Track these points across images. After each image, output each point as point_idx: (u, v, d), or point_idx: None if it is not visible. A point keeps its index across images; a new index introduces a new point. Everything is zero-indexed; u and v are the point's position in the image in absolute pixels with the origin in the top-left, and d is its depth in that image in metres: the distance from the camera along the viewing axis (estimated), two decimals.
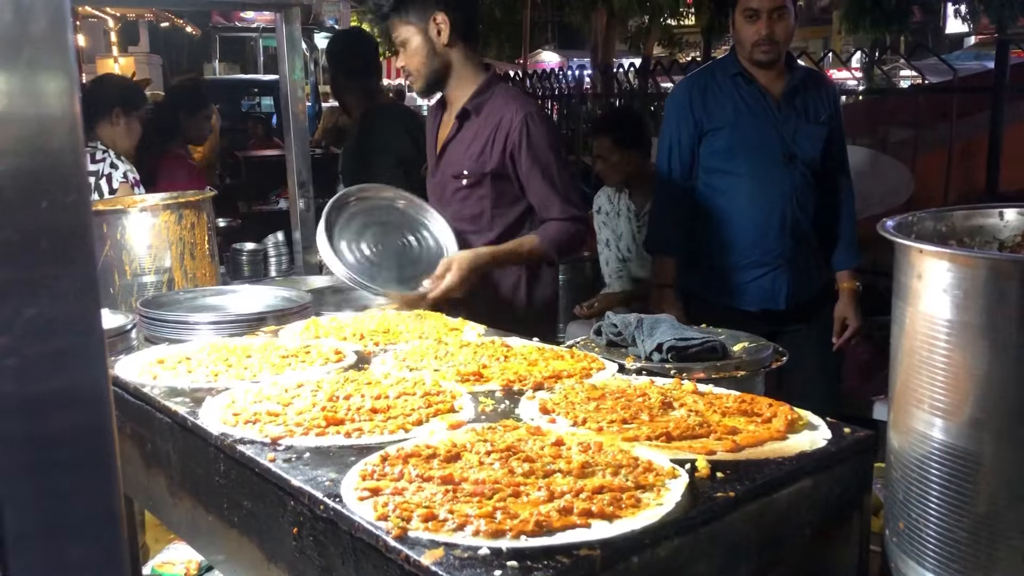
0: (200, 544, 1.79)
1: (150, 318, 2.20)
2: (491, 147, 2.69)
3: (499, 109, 2.70)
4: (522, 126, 2.65)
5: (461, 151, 2.77)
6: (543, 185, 2.67)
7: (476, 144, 2.73)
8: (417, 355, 1.90)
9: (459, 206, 2.78)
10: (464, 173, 2.74)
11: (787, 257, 3.06)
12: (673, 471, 1.25)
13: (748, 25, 2.97)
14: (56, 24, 0.53)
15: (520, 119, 2.65)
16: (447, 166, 2.81)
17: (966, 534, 1.13)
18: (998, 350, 1.07)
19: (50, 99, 0.54)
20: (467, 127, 2.77)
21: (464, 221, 2.77)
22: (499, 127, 2.68)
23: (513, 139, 2.65)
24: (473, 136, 2.74)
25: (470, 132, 2.76)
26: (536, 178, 2.67)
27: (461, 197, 2.77)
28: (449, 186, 2.80)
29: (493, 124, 2.69)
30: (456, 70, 2.75)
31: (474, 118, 2.75)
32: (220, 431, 1.50)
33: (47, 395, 0.57)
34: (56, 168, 0.55)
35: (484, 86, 2.75)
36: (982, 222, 1.34)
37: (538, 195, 2.69)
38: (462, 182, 2.75)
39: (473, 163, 2.72)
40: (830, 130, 3.13)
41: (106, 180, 3.65)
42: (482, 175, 2.72)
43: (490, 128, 2.70)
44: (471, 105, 2.74)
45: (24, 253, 0.54)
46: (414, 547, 1.07)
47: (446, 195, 2.82)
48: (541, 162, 2.66)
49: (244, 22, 20.25)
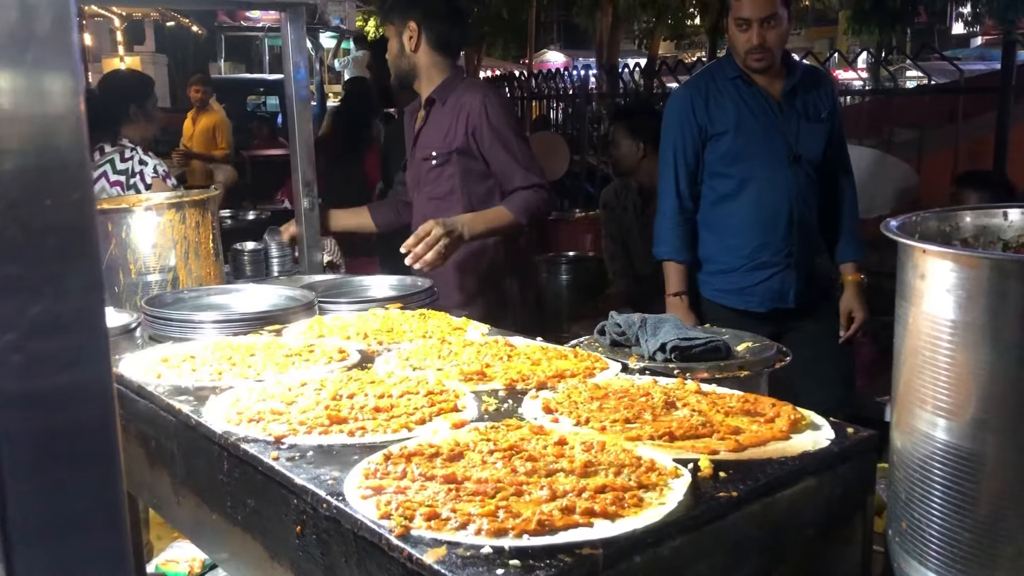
0: (204, 542, 1.80)
1: (154, 317, 2.20)
2: (455, 127, 2.99)
3: (460, 95, 3.02)
4: (481, 106, 2.95)
5: (431, 135, 3.09)
6: (504, 157, 2.96)
7: (442, 127, 3.03)
8: (420, 354, 1.90)
9: (431, 186, 3.08)
10: (432, 154, 3.04)
11: (795, 256, 3.07)
12: (676, 471, 1.25)
13: (740, 33, 2.98)
14: (61, 23, 0.54)
15: (479, 100, 2.96)
16: (419, 150, 3.12)
17: (969, 534, 1.13)
18: (1001, 350, 1.07)
19: (55, 98, 0.54)
20: (434, 114, 3.09)
21: (438, 200, 3.06)
22: (460, 110, 2.99)
23: (473, 119, 2.96)
24: (438, 121, 3.06)
25: (435, 118, 3.08)
26: (497, 151, 2.96)
27: (433, 177, 3.07)
28: (422, 168, 3.10)
29: (455, 108, 3.01)
30: (422, 73, 3.10)
31: (439, 106, 3.07)
32: (224, 429, 1.50)
33: (51, 392, 0.57)
34: (61, 166, 0.55)
35: (448, 80, 3.08)
36: (986, 222, 1.34)
37: (500, 167, 2.98)
38: (432, 162, 3.05)
39: (440, 143, 3.03)
40: (831, 126, 3.13)
41: (139, 177, 3.70)
42: (448, 153, 3.01)
43: (453, 112, 3.01)
44: (436, 94, 3.08)
45: (29, 250, 0.54)
46: (417, 545, 1.08)
47: (420, 176, 3.12)
48: (501, 137, 2.96)
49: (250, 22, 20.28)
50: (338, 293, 2.62)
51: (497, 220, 2.90)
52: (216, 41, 20.04)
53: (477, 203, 3.00)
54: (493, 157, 2.96)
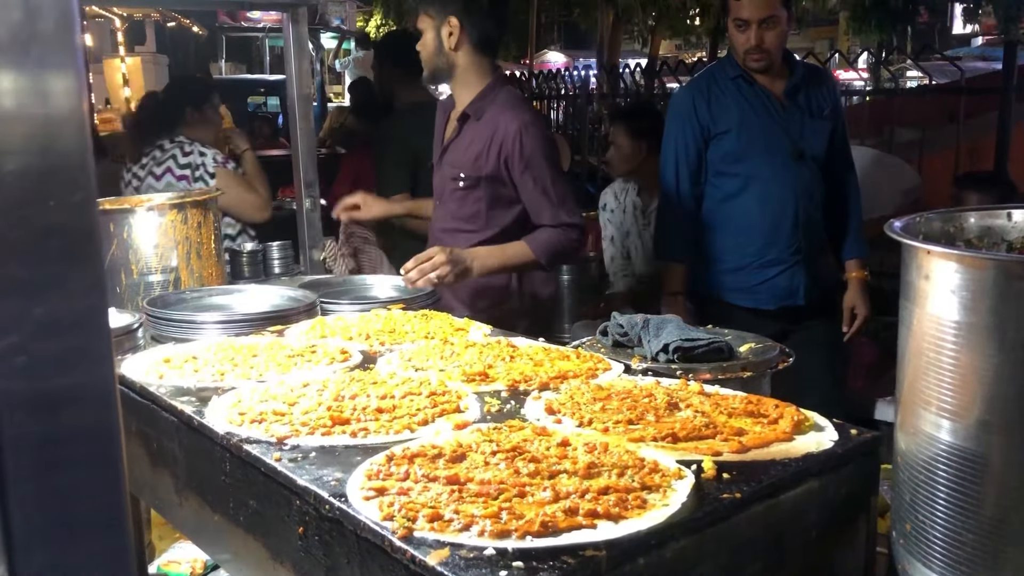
0: (206, 543, 1.80)
1: (156, 317, 2.20)
2: (487, 152, 2.76)
3: (496, 116, 2.77)
4: (516, 135, 2.71)
5: (460, 153, 2.85)
6: (535, 192, 2.74)
7: (473, 148, 2.80)
8: (423, 355, 1.90)
9: (456, 205, 2.87)
10: (461, 175, 2.83)
11: (802, 253, 3.08)
12: (679, 472, 1.24)
13: (739, 34, 2.98)
14: (64, 23, 0.54)
15: (515, 128, 2.71)
16: (447, 165, 2.90)
17: (973, 536, 1.13)
18: (1006, 351, 1.07)
19: (58, 98, 0.54)
20: (467, 130, 2.85)
21: (461, 220, 2.86)
22: (495, 133, 2.75)
23: (507, 147, 2.72)
24: (471, 140, 2.82)
25: (468, 135, 2.84)
26: (528, 185, 2.74)
27: (458, 197, 2.86)
28: (448, 185, 2.89)
29: (490, 130, 2.77)
30: (460, 73, 2.84)
31: (473, 122, 2.83)
32: (226, 430, 1.50)
33: (55, 393, 0.57)
34: (64, 167, 0.55)
35: (487, 90, 2.83)
36: (990, 223, 1.34)
37: (530, 201, 2.77)
38: (459, 183, 2.84)
39: (470, 166, 2.80)
40: (834, 123, 3.14)
41: (203, 169, 3.77)
42: (478, 178, 2.79)
43: (487, 134, 2.77)
44: (471, 109, 2.83)
45: (32, 252, 0.54)
46: (420, 547, 1.07)
47: (445, 193, 2.92)
48: (533, 170, 2.73)
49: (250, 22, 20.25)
50: (340, 294, 2.62)
51: (515, 257, 2.74)
52: (217, 41, 20.03)
53: (503, 233, 2.80)
54: (524, 189, 2.75)
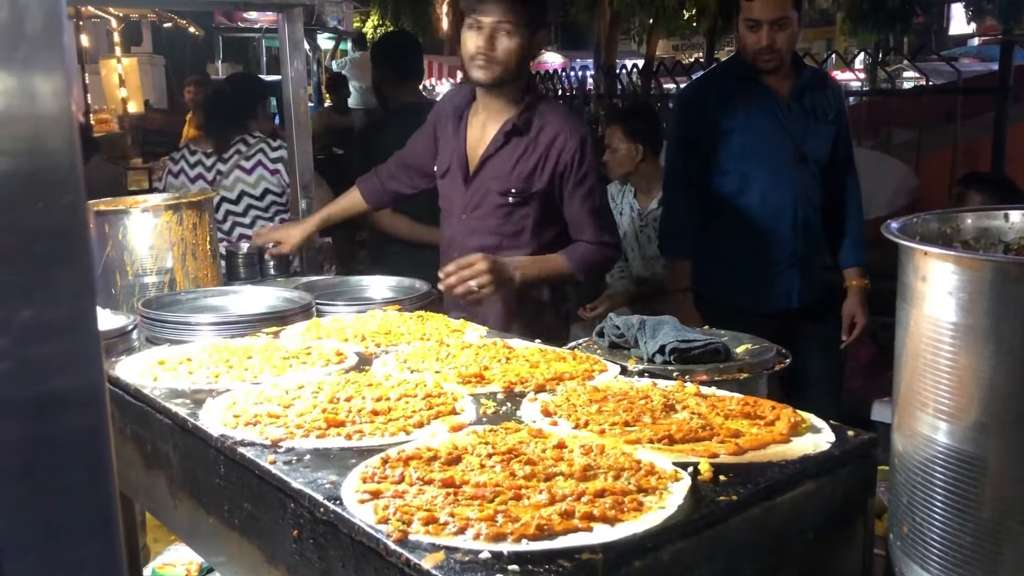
0: (200, 546, 1.79)
1: (151, 319, 2.19)
2: (543, 166, 2.67)
3: (553, 128, 2.67)
4: (577, 149, 2.64)
5: (507, 167, 2.71)
6: (583, 210, 2.69)
7: (526, 162, 2.68)
8: (418, 357, 1.90)
9: (500, 222, 2.74)
10: (512, 191, 2.70)
11: (799, 256, 3.08)
12: (675, 474, 1.24)
13: (750, 34, 2.98)
14: (52, 23, 0.53)
15: (576, 142, 2.64)
16: (489, 180, 2.74)
17: (970, 538, 1.12)
18: (1003, 353, 1.07)
19: (46, 99, 0.54)
20: (515, 143, 2.71)
21: (504, 237, 2.74)
22: (553, 146, 2.65)
23: (566, 160, 2.65)
24: (522, 153, 2.69)
25: (519, 148, 2.70)
26: (577, 202, 2.68)
27: (504, 213, 2.73)
28: (490, 200, 2.74)
29: (546, 143, 2.66)
30: (516, 83, 2.69)
31: (522, 134, 2.70)
32: (220, 433, 1.49)
33: (43, 397, 0.56)
34: (52, 169, 0.54)
35: (532, 102, 2.71)
36: (987, 224, 1.33)
37: (575, 216, 2.71)
38: (508, 199, 2.71)
39: (522, 181, 2.69)
40: (838, 129, 3.14)
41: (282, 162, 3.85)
42: (530, 194, 2.70)
43: (543, 147, 2.67)
44: (520, 121, 2.69)
45: (20, 255, 0.53)
46: (415, 550, 1.07)
47: (484, 208, 2.76)
48: (586, 187, 2.67)
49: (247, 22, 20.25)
50: (336, 295, 2.61)
51: (553, 269, 2.70)
52: (213, 42, 20.01)
53: (543, 249, 2.73)
54: (571, 204, 2.69)
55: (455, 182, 2.82)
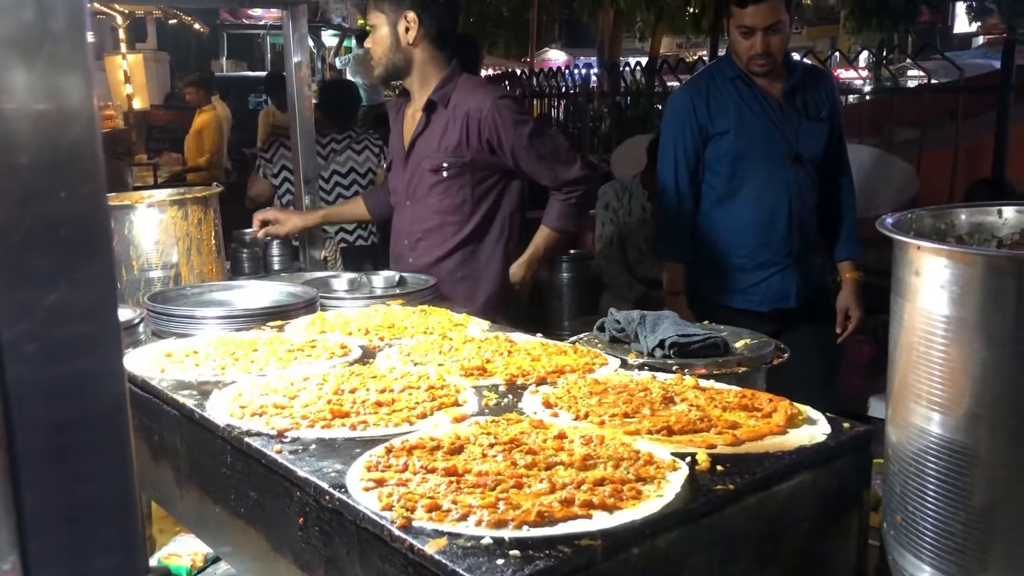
0: (207, 535, 1.81)
1: (158, 312, 2.22)
2: (466, 137, 2.77)
3: (466, 99, 2.78)
4: (493, 112, 2.74)
5: (434, 144, 2.83)
6: (529, 160, 2.80)
7: (450, 135, 2.79)
8: (422, 350, 1.92)
9: (438, 198, 2.85)
10: (444, 165, 2.81)
11: (795, 255, 3.09)
12: (673, 464, 1.26)
13: (743, 40, 2.99)
14: (75, 21, 0.55)
15: (490, 106, 2.74)
16: (420, 160, 2.86)
17: (963, 527, 1.15)
18: (994, 345, 1.09)
19: (69, 94, 0.56)
20: (436, 119, 2.83)
21: (445, 213, 2.85)
22: (469, 116, 2.76)
23: (488, 126, 2.75)
24: (444, 128, 2.81)
25: (440, 124, 2.82)
26: (523, 155, 2.78)
27: (441, 190, 2.84)
28: (425, 180, 2.86)
29: (463, 114, 2.77)
30: (418, 67, 2.85)
31: (441, 109, 2.82)
32: (227, 423, 1.52)
33: (65, 380, 0.58)
34: (74, 160, 0.57)
35: (447, 78, 2.83)
36: (981, 219, 1.35)
37: (531, 169, 2.83)
38: (442, 174, 2.82)
39: (450, 155, 2.80)
40: (831, 126, 3.15)
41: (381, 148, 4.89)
42: (462, 165, 2.80)
43: (461, 118, 2.77)
44: (436, 96, 2.82)
45: (44, 242, 0.56)
46: (418, 536, 1.09)
47: (421, 189, 2.87)
48: (523, 140, 2.77)
49: (252, 19, 20.29)
50: (339, 289, 2.63)
51: (549, 241, 2.95)
52: (218, 39, 20.05)
53: (488, 216, 2.87)
54: (519, 161, 2.80)
55: (397, 172, 2.98)
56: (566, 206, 2.90)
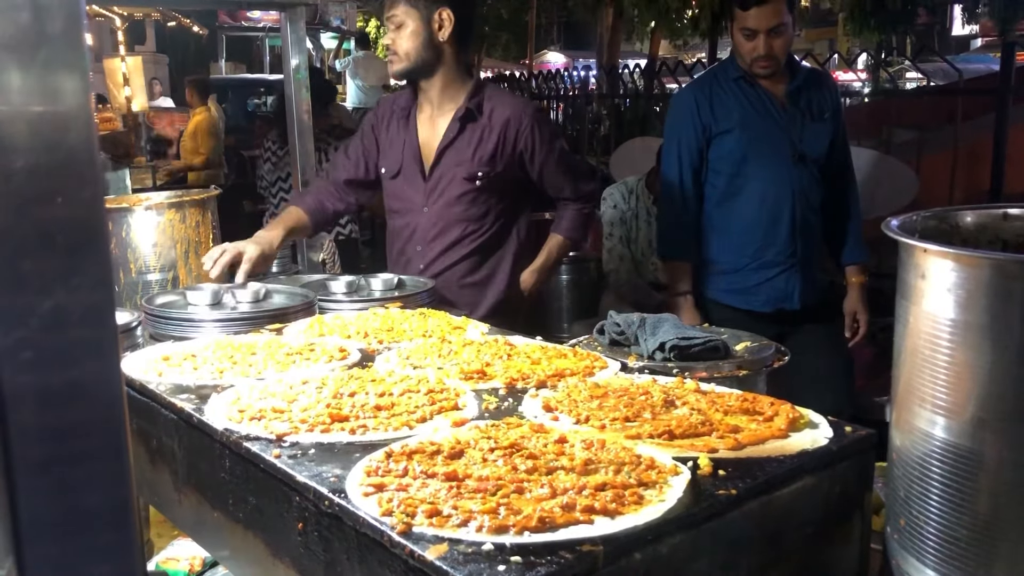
0: (205, 540, 1.80)
1: (155, 316, 2.21)
2: (502, 148, 2.76)
3: (502, 109, 2.78)
4: (532, 126, 2.77)
5: (467, 153, 2.77)
6: (557, 173, 2.86)
7: (486, 145, 2.76)
8: (421, 353, 1.91)
9: (464, 207, 2.81)
10: (478, 175, 2.78)
11: (799, 256, 3.09)
12: (675, 468, 1.25)
13: (746, 42, 2.99)
14: (72, 24, 0.55)
15: (529, 120, 2.77)
16: (452, 168, 2.80)
17: (967, 532, 1.14)
18: (1001, 349, 1.08)
19: (66, 97, 0.55)
20: (471, 129, 2.79)
21: (470, 221, 2.82)
22: (507, 127, 2.76)
23: (524, 139, 2.77)
24: (480, 137, 2.77)
25: (476, 133, 2.78)
26: (552, 168, 2.84)
27: (470, 199, 2.80)
28: (454, 188, 2.80)
29: (500, 123, 2.76)
30: (446, 67, 2.78)
31: (479, 119, 2.78)
32: (225, 427, 1.51)
33: (62, 387, 0.58)
34: (71, 164, 0.56)
35: (477, 87, 2.82)
36: (986, 222, 1.35)
37: (554, 182, 2.89)
38: (475, 183, 2.78)
39: (484, 165, 2.77)
40: (834, 126, 3.15)
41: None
42: (495, 175, 2.79)
43: (498, 128, 2.76)
44: (472, 105, 2.77)
45: (40, 247, 0.55)
46: (418, 542, 1.08)
47: (447, 196, 2.81)
48: (555, 154, 2.83)
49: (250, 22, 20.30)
50: (338, 292, 2.62)
51: (562, 250, 3.03)
52: (217, 41, 20.05)
53: (506, 225, 2.87)
54: (547, 174, 2.83)
55: (410, 179, 2.87)
56: (581, 216, 2.97)
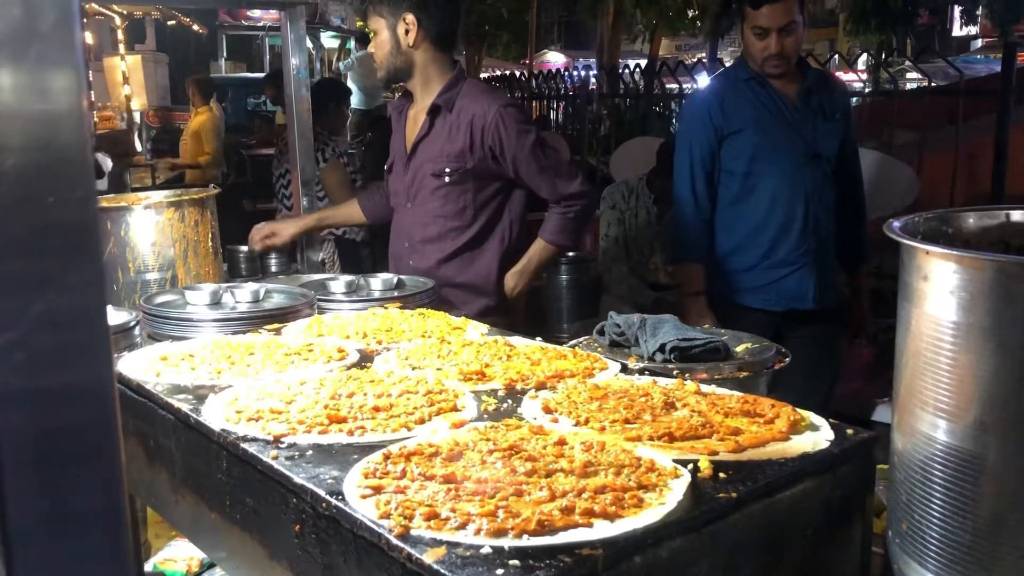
0: (202, 541, 1.80)
1: (153, 315, 2.20)
2: (469, 143, 2.75)
3: (471, 105, 2.76)
4: (497, 120, 2.72)
5: (437, 148, 2.81)
6: (530, 171, 2.78)
7: (454, 141, 2.77)
8: (420, 354, 1.90)
9: (440, 203, 2.83)
10: (446, 171, 2.79)
11: (812, 255, 3.08)
12: (675, 471, 1.25)
13: (758, 41, 2.98)
14: (64, 20, 0.54)
15: (494, 113, 2.72)
16: (423, 164, 2.84)
17: (969, 536, 1.13)
18: (1004, 352, 1.07)
19: (58, 95, 0.54)
20: (439, 124, 2.81)
21: (447, 218, 2.83)
22: (473, 123, 2.74)
23: (491, 133, 2.72)
24: (448, 133, 2.79)
25: (444, 129, 2.80)
26: (522, 166, 2.77)
27: (443, 194, 2.82)
28: (427, 184, 2.84)
29: (467, 120, 2.75)
30: (420, 70, 2.83)
31: (446, 114, 2.79)
32: (223, 428, 1.50)
33: (53, 389, 0.57)
34: (63, 164, 0.55)
35: (452, 82, 2.81)
36: (989, 223, 1.34)
37: (531, 181, 2.81)
38: (444, 179, 2.80)
39: (453, 160, 2.78)
40: (845, 127, 3.15)
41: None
42: (465, 172, 2.78)
43: (465, 124, 2.75)
44: (441, 101, 2.79)
45: (31, 248, 0.54)
46: (416, 545, 1.07)
47: (423, 193, 2.85)
48: (525, 150, 2.74)
49: (250, 20, 20.27)
50: (337, 292, 2.61)
51: (543, 254, 2.90)
52: (217, 40, 20.02)
53: (490, 222, 2.85)
54: (520, 172, 2.77)
55: (398, 173, 2.95)
56: (564, 220, 2.87)
